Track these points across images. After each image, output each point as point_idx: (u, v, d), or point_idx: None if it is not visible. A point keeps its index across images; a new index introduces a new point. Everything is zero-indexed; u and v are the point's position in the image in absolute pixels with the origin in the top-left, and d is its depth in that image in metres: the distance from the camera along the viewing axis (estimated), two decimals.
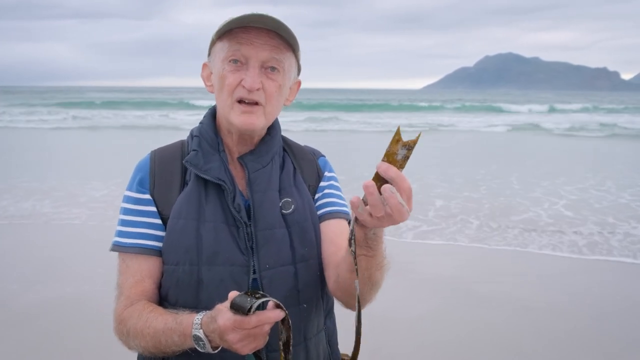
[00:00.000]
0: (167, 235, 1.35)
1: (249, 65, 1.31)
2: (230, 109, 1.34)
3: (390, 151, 1.02)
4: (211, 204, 1.36)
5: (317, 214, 1.47)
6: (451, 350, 3.81)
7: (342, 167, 5.89)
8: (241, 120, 1.34)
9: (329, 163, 1.59)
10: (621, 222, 7.31)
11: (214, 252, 1.32)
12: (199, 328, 1.13)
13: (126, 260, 1.38)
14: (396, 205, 1.01)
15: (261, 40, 1.31)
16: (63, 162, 12.57)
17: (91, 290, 4.62)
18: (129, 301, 1.33)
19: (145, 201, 1.39)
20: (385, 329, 3.87)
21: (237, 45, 1.31)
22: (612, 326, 4.19)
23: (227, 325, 1.06)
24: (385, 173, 1.01)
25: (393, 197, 1.00)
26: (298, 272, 1.38)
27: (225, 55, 1.33)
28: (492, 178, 10.63)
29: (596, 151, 16.52)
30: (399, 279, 4.87)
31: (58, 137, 19.00)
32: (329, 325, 1.52)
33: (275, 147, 1.46)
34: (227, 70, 1.33)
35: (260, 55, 1.31)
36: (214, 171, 1.37)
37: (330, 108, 39.98)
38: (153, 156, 1.45)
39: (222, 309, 1.08)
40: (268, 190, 1.39)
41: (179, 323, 1.19)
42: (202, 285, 1.32)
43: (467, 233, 6.77)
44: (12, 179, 9.69)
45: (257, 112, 1.34)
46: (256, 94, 1.32)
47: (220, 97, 1.36)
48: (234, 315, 1.04)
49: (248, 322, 1.04)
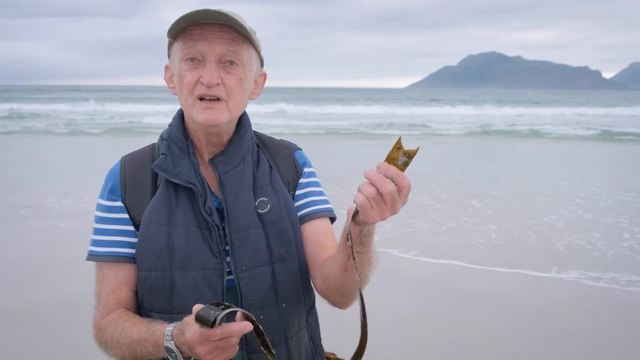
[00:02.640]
0: (138, 242, 1.35)
1: (206, 61, 1.30)
2: (192, 107, 1.34)
3: (392, 156, 1.08)
4: (182, 208, 1.35)
5: (300, 214, 1.47)
6: (436, 348, 3.83)
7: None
8: (204, 117, 1.33)
9: (306, 156, 1.58)
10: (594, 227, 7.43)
11: (186, 257, 1.32)
12: (170, 340, 1.13)
13: (102, 269, 1.38)
14: (389, 193, 1.06)
15: (215, 35, 1.29)
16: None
17: (75, 293, 4.58)
18: (105, 310, 1.34)
19: (117, 208, 1.38)
20: (370, 329, 3.85)
21: (191, 42, 1.30)
22: (602, 324, 4.25)
23: (194, 338, 1.05)
24: (386, 172, 1.06)
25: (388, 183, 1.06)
26: (275, 272, 1.37)
27: (182, 55, 1.32)
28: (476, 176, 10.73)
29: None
30: (383, 277, 4.91)
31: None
32: (311, 322, 1.52)
33: (246, 145, 1.44)
34: (184, 69, 1.32)
35: (216, 50, 1.30)
36: (184, 175, 1.36)
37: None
38: (123, 162, 1.44)
39: (189, 322, 1.08)
40: (241, 190, 1.38)
41: (152, 334, 1.19)
42: (176, 291, 1.31)
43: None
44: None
45: (220, 107, 1.33)
46: (216, 89, 1.31)
47: (181, 96, 1.35)
48: (200, 329, 1.04)
49: (213, 334, 1.03)
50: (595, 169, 12.18)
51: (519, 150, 16.72)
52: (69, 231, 6.58)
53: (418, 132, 22.34)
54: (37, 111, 30.15)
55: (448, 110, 38.34)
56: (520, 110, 38.47)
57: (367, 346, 1.22)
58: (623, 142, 19.03)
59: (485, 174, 11.40)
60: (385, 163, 1.08)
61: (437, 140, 18.88)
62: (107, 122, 24.66)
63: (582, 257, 5.87)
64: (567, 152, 16.23)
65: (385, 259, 5.33)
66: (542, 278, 5.26)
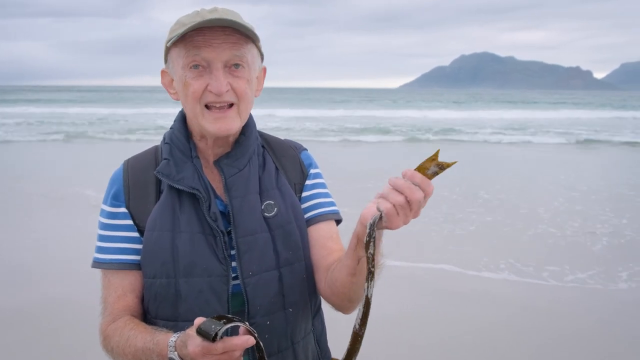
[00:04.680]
0: (143, 248, 1.33)
1: (212, 68, 1.27)
2: (201, 116, 1.30)
3: (423, 166, 1.10)
4: (186, 214, 1.32)
5: (306, 216, 1.44)
6: (429, 349, 3.83)
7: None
8: (216, 128, 1.30)
9: (312, 157, 1.55)
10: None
11: (191, 264, 1.29)
12: (174, 350, 1.12)
13: (108, 275, 1.36)
14: (417, 198, 1.08)
15: (219, 40, 1.26)
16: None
17: (75, 293, 4.57)
18: (112, 317, 1.32)
19: (120, 215, 1.36)
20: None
21: (195, 50, 1.26)
22: (595, 324, 4.27)
23: (196, 351, 1.04)
24: (412, 178, 1.08)
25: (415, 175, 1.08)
26: (283, 277, 1.35)
27: (185, 62, 1.27)
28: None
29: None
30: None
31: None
32: (317, 325, 1.50)
33: (252, 147, 1.41)
34: (189, 77, 1.28)
35: (222, 56, 1.27)
36: (187, 180, 1.33)
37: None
38: (126, 167, 1.41)
39: (191, 334, 1.06)
40: (247, 194, 1.36)
41: (156, 344, 1.18)
42: (181, 298, 1.29)
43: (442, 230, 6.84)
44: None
45: (231, 114, 1.31)
46: (226, 95, 1.28)
47: (187, 105, 1.32)
48: (202, 342, 1.03)
49: (215, 349, 1.02)
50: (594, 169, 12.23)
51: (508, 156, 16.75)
52: (68, 230, 6.55)
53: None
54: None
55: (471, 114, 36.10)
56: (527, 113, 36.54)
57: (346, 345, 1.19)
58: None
59: (482, 179, 11.41)
60: (411, 170, 1.10)
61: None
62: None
63: (577, 257, 5.89)
64: (560, 155, 16.28)
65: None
66: (535, 278, 5.27)
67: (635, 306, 4.62)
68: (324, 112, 33.72)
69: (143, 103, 45.23)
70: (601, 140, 19.81)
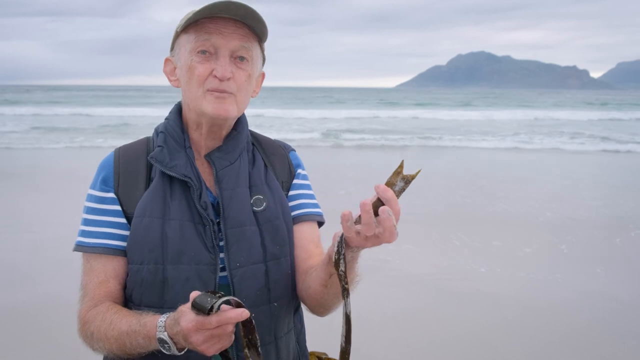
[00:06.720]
0: (131, 234, 1.32)
1: (219, 54, 1.31)
2: (202, 98, 1.32)
3: (390, 181, 1.09)
4: (177, 201, 1.33)
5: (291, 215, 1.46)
6: (427, 348, 3.83)
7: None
8: (214, 108, 1.32)
9: (300, 158, 1.58)
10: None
11: (179, 251, 1.30)
12: (163, 330, 1.11)
13: (90, 261, 1.35)
14: (390, 228, 1.05)
15: (229, 30, 1.30)
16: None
17: (68, 290, 4.54)
18: (92, 302, 1.31)
19: (109, 200, 1.36)
20: (360, 328, 3.86)
21: (205, 35, 1.30)
22: (592, 324, 4.29)
23: (189, 327, 1.04)
24: (384, 194, 1.06)
25: (390, 219, 1.04)
26: (269, 271, 1.36)
27: (193, 47, 1.31)
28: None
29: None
30: (374, 276, 4.91)
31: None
32: (297, 324, 1.51)
33: (243, 142, 1.44)
34: (195, 61, 1.31)
35: (230, 45, 1.31)
36: (180, 168, 1.34)
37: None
38: (117, 153, 1.42)
39: (185, 310, 1.06)
40: (237, 187, 1.37)
41: (143, 325, 1.16)
42: (167, 285, 1.29)
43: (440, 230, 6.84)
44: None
45: (230, 99, 1.33)
46: (227, 83, 1.31)
47: (189, 88, 1.34)
48: (197, 316, 1.02)
49: (209, 322, 1.02)
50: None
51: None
52: (62, 229, 6.52)
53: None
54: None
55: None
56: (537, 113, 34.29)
57: (357, 346, 1.19)
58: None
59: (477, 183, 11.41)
60: (383, 185, 1.08)
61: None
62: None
63: (577, 257, 5.92)
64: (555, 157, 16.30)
65: (375, 258, 5.34)
66: (534, 278, 5.28)
67: (635, 306, 4.62)
68: (319, 113, 33.43)
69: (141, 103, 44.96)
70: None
